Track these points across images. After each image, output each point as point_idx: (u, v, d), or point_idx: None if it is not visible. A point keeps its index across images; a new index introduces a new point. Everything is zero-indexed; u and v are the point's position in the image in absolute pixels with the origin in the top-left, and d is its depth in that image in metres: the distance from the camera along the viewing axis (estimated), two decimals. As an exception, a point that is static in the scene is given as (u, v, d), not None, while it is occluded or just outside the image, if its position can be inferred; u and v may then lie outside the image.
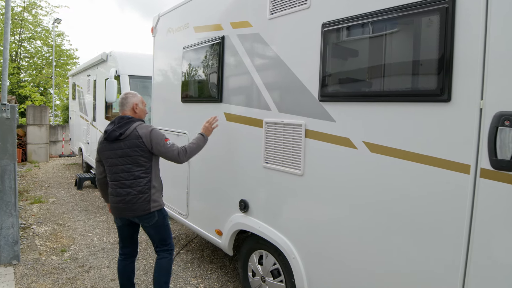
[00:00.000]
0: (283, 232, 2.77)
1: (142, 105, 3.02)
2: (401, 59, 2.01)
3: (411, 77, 1.98)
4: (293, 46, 2.65)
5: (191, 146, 3.00)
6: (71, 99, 11.43)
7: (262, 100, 2.91)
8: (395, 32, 2.04)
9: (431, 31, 1.88)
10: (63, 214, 6.19)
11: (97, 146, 2.92)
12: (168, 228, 3.03)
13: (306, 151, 2.56)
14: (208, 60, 3.62)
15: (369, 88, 2.18)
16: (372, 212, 2.16)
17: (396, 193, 2.04)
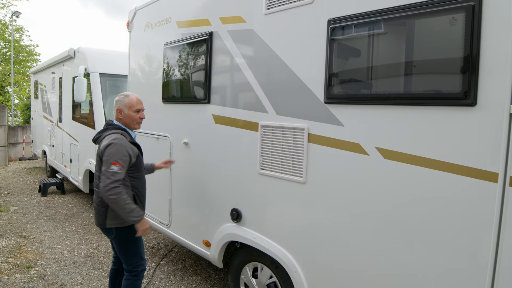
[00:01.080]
0: (282, 244, 2.57)
1: (131, 110, 2.70)
2: (421, 59, 1.86)
3: (432, 78, 1.84)
4: (294, 44, 2.45)
5: (116, 199, 2.42)
6: (33, 98, 10.65)
7: (257, 102, 2.69)
8: (414, 30, 1.89)
9: (455, 30, 1.74)
10: (26, 224, 5.66)
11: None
12: (131, 249, 2.71)
13: (309, 157, 2.37)
14: (194, 57, 3.35)
15: (383, 90, 2.02)
16: (387, 223, 2.00)
17: (414, 203, 1.89)
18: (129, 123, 2.72)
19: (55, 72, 8.17)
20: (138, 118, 2.74)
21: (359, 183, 2.12)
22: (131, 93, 2.79)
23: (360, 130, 2.11)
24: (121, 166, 2.49)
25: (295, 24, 2.44)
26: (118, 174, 2.46)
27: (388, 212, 1.99)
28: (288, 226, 2.53)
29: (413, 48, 1.89)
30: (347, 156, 2.17)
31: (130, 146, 2.59)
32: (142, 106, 2.79)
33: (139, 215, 2.54)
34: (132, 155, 2.57)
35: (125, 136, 2.63)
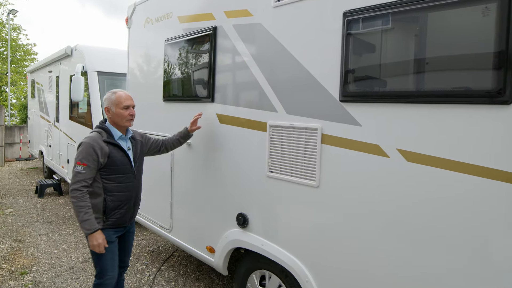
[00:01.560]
0: (293, 252, 2.41)
1: (119, 107, 2.48)
2: (449, 54, 1.70)
3: (462, 74, 1.68)
4: (306, 39, 2.29)
5: (74, 203, 2.30)
6: (30, 97, 10.46)
7: (266, 100, 2.53)
8: (442, 22, 1.73)
9: (487, 21, 1.58)
10: (22, 227, 5.49)
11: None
12: (93, 256, 2.50)
13: (322, 159, 2.21)
14: (197, 54, 3.18)
15: (406, 87, 1.86)
16: (410, 231, 1.84)
17: (441, 210, 1.73)
18: (118, 121, 2.51)
19: (52, 71, 7.99)
20: (127, 115, 2.51)
21: (379, 187, 1.96)
22: (119, 89, 2.58)
23: (379, 130, 1.95)
24: (85, 166, 2.32)
25: (307, 17, 2.28)
26: (81, 174, 2.32)
27: (411, 219, 1.83)
28: (299, 233, 2.37)
29: (440, 41, 1.73)
30: (365, 159, 2.01)
31: (100, 146, 2.37)
32: (131, 102, 2.56)
33: (89, 228, 2.31)
34: (100, 155, 2.36)
35: (102, 135, 2.43)
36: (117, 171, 2.46)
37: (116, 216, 2.49)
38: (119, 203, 2.49)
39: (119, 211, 2.50)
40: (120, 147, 2.48)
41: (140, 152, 2.69)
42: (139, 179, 2.68)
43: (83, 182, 2.32)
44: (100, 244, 2.35)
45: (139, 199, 2.72)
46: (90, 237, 2.34)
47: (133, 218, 2.71)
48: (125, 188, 2.51)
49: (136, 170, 2.61)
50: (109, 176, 2.44)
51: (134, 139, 2.66)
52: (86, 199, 2.33)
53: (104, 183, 2.43)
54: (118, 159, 2.45)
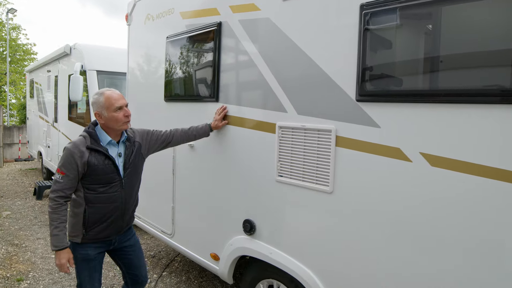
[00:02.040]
0: (303, 261, 2.25)
1: (111, 110, 2.17)
2: (482, 49, 1.55)
3: (494, 71, 1.52)
4: (319, 34, 2.13)
5: (49, 213, 2.12)
6: (29, 97, 10.31)
7: (275, 100, 2.38)
8: (474, 14, 1.57)
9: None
10: (19, 231, 5.34)
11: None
12: (78, 271, 2.27)
13: (336, 163, 2.05)
14: (200, 51, 3.03)
15: (431, 85, 1.71)
16: (434, 241, 1.68)
17: (473, 218, 1.57)
18: (114, 125, 2.21)
19: (51, 70, 7.84)
20: (122, 117, 2.21)
21: (399, 194, 1.81)
22: (106, 88, 2.28)
23: (400, 132, 1.80)
24: (64, 174, 2.11)
25: (320, 11, 2.13)
26: (59, 183, 2.11)
27: (436, 229, 1.68)
28: (311, 241, 2.21)
29: (472, 36, 1.58)
30: (384, 163, 1.86)
31: (81, 154, 2.11)
32: (123, 101, 2.24)
33: (56, 245, 2.09)
34: (80, 164, 2.10)
35: (86, 140, 2.17)
36: (98, 180, 2.18)
37: (97, 229, 2.22)
38: (100, 215, 2.21)
39: (101, 224, 2.22)
40: (106, 154, 2.19)
41: (136, 156, 2.36)
42: (132, 187, 2.35)
43: (59, 192, 2.10)
44: (62, 264, 2.11)
45: (130, 208, 2.39)
46: (56, 254, 2.12)
47: (122, 231, 2.39)
48: (108, 199, 2.22)
49: (126, 178, 2.29)
50: (89, 186, 2.18)
51: (129, 141, 2.36)
52: (61, 212, 2.10)
53: (85, 193, 2.18)
54: (100, 168, 2.16)
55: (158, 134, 2.57)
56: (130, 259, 2.48)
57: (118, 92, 2.27)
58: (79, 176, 2.15)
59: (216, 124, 2.73)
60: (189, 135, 2.72)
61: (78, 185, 2.18)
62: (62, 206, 2.12)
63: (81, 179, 2.17)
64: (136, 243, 2.53)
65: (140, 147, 2.41)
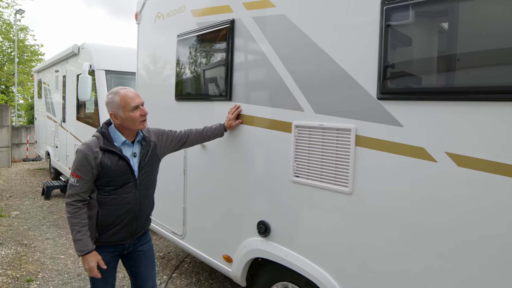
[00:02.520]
0: (320, 264, 2.19)
1: (127, 110, 2.10)
2: (511, 45, 1.48)
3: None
4: (337, 31, 2.07)
5: (68, 219, 2.06)
6: (37, 97, 10.35)
7: (290, 98, 2.32)
8: (501, 8, 1.50)
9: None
10: (28, 231, 5.33)
11: None
12: (91, 276, 2.15)
13: (356, 163, 1.99)
14: (212, 49, 2.98)
15: (458, 83, 1.64)
16: (461, 244, 1.61)
17: (504, 221, 1.50)
18: (131, 125, 2.15)
19: (59, 70, 7.85)
20: (139, 117, 2.13)
21: (423, 195, 1.74)
22: (121, 87, 2.19)
23: (424, 131, 1.73)
24: (79, 178, 2.05)
25: (338, 7, 2.07)
26: (74, 187, 2.05)
27: (464, 232, 1.61)
28: (328, 243, 2.15)
29: (500, 31, 1.51)
30: (407, 163, 1.79)
31: (95, 155, 2.06)
32: (139, 100, 2.17)
33: (81, 250, 2.02)
34: (94, 165, 2.05)
35: (99, 140, 2.12)
36: (112, 182, 2.12)
37: (111, 232, 2.16)
38: (114, 218, 2.14)
39: (115, 227, 2.16)
40: (119, 154, 2.13)
41: (152, 156, 2.29)
42: (147, 189, 2.28)
43: (76, 196, 2.05)
44: (92, 268, 2.04)
45: (145, 211, 2.31)
46: (82, 259, 2.06)
47: (137, 235, 2.30)
48: (122, 200, 2.15)
49: (141, 179, 2.22)
50: (103, 187, 2.12)
51: (145, 140, 2.29)
52: (80, 216, 2.04)
53: (98, 195, 2.12)
54: (113, 169, 2.10)
55: (173, 135, 2.50)
56: (138, 267, 2.36)
57: (133, 90, 2.19)
58: (94, 178, 2.09)
59: (230, 123, 2.67)
60: (203, 136, 2.66)
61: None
62: (81, 210, 2.06)
63: (95, 180, 2.11)
64: (148, 251, 2.39)
65: (155, 147, 2.33)
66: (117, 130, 2.19)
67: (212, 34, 2.94)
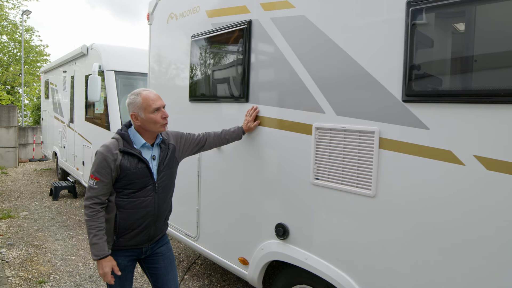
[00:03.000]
0: (342, 268, 2.17)
1: (149, 111, 2.08)
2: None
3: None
4: (360, 32, 2.05)
5: (86, 222, 2.05)
6: (44, 98, 10.38)
7: (311, 100, 2.30)
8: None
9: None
10: (38, 231, 5.33)
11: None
12: (108, 285, 2.18)
13: (380, 166, 1.96)
14: (228, 50, 2.96)
15: (487, 84, 1.61)
16: (491, 252, 1.59)
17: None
18: (151, 128, 2.13)
19: (67, 71, 7.86)
20: (160, 119, 2.12)
21: (450, 199, 1.71)
22: (143, 89, 2.17)
23: (451, 134, 1.70)
24: (98, 180, 2.03)
25: (362, 7, 2.04)
26: (93, 189, 2.04)
27: (494, 239, 1.58)
28: (351, 247, 2.12)
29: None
30: (432, 166, 1.76)
31: (114, 157, 2.04)
32: (161, 102, 2.15)
33: (97, 254, 2.01)
34: (113, 168, 2.04)
35: (119, 142, 2.10)
36: (131, 184, 2.10)
37: (128, 236, 2.14)
38: (132, 221, 2.12)
39: (133, 230, 2.13)
40: (139, 157, 2.10)
41: (171, 159, 2.27)
42: (165, 192, 2.25)
43: (95, 199, 2.04)
44: (106, 273, 2.03)
45: (163, 215, 2.28)
46: (97, 263, 2.05)
47: (155, 239, 2.28)
48: (141, 204, 2.12)
49: (160, 182, 2.19)
50: (121, 190, 2.10)
51: (164, 143, 2.26)
52: (98, 219, 2.03)
53: (116, 198, 2.10)
54: (133, 172, 2.07)
55: (192, 138, 2.48)
56: (157, 269, 2.33)
57: (155, 92, 2.18)
58: (113, 180, 2.08)
59: (249, 125, 2.65)
60: (221, 139, 2.63)
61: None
62: (99, 213, 2.04)
63: (113, 183, 2.10)
64: (167, 253, 2.36)
65: (174, 150, 2.31)
66: (137, 132, 2.17)
67: (228, 34, 2.92)
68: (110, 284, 2.16)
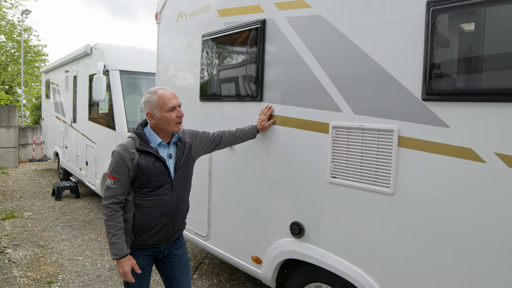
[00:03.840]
0: (359, 265, 2.18)
1: (164, 110, 2.08)
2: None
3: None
4: (378, 31, 2.06)
5: (104, 222, 2.07)
6: (44, 98, 10.33)
7: (327, 99, 2.31)
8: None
9: None
10: (43, 232, 5.31)
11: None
12: (125, 286, 2.20)
13: (399, 164, 1.98)
14: (241, 49, 2.97)
15: (506, 83, 1.63)
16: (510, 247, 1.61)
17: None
18: (166, 127, 2.12)
19: (69, 71, 7.84)
20: (175, 118, 2.11)
21: (470, 196, 1.73)
22: (159, 87, 2.18)
23: (472, 132, 1.72)
24: (116, 180, 2.03)
25: (380, 6, 2.06)
26: (111, 189, 2.04)
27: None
28: (368, 245, 2.14)
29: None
30: (453, 164, 1.78)
31: (131, 156, 2.04)
32: (176, 101, 2.14)
33: (116, 254, 2.01)
34: (130, 167, 2.03)
35: (135, 141, 2.10)
36: (149, 183, 2.09)
37: (147, 235, 2.13)
38: (150, 220, 2.11)
39: (151, 230, 2.13)
40: (156, 155, 2.10)
41: (187, 157, 2.26)
42: (183, 190, 2.25)
43: (113, 199, 2.04)
44: (126, 272, 2.03)
45: (181, 213, 2.27)
46: (117, 263, 2.05)
47: (172, 238, 2.26)
48: (159, 202, 2.12)
49: (177, 180, 2.19)
50: (139, 189, 2.10)
51: (181, 141, 2.26)
52: (116, 218, 2.03)
53: (134, 197, 2.10)
54: (150, 170, 2.07)
55: (207, 136, 2.49)
56: (171, 271, 2.32)
57: (171, 91, 2.18)
58: (130, 179, 2.07)
59: (263, 124, 2.66)
60: (236, 137, 2.64)
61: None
62: (118, 213, 2.05)
63: (131, 182, 2.09)
64: (183, 255, 2.36)
65: (190, 148, 2.31)
66: (153, 131, 2.17)
67: (241, 34, 2.93)
68: (128, 284, 2.16)
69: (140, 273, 2.15)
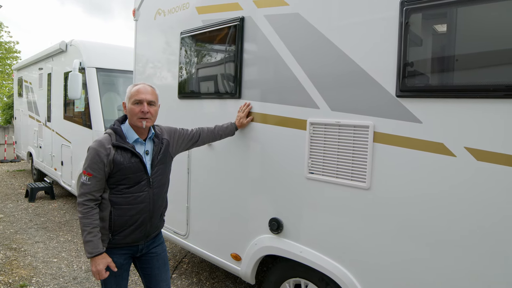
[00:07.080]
0: (337, 259, 2.22)
1: (130, 102, 2.10)
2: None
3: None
4: (354, 30, 2.11)
5: (79, 219, 2.01)
6: (17, 96, 9.97)
7: (305, 96, 2.34)
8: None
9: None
10: (15, 234, 5.13)
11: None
12: (104, 280, 2.11)
13: (374, 159, 2.03)
14: (219, 47, 2.97)
15: (476, 80, 1.70)
16: (481, 240, 1.68)
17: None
18: (131, 119, 2.11)
19: (43, 68, 7.60)
20: (138, 112, 2.06)
21: (442, 188, 1.80)
22: (144, 82, 2.20)
23: (443, 127, 1.79)
24: (91, 176, 2.00)
25: (356, 5, 2.10)
26: (86, 186, 2.00)
27: (483, 227, 1.67)
28: (345, 238, 2.18)
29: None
30: (425, 158, 1.84)
31: (107, 151, 2.01)
32: (145, 96, 2.09)
33: (90, 252, 1.98)
34: (106, 163, 2.00)
35: (111, 137, 2.07)
36: (125, 180, 2.06)
37: (124, 233, 2.10)
38: (127, 218, 2.08)
39: (128, 227, 2.10)
40: (132, 151, 2.07)
41: (164, 154, 2.25)
42: (160, 187, 2.23)
43: (88, 195, 2.00)
44: (99, 271, 1.99)
45: (159, 210, 2.26)
46: (91, 261, 2.02)
47: (151, 236, 2.25)
48: (135, 199, 2.09)
49: (154, 177, 2.17)
50: (115, 186, 2.07)
51: (158, 138, 2.24)
52: (92, 216, 1.99)
53: (110, 194, 2.07)
54: (126, 166, 2.04)
55: (185, 133, 2.48)
56: (150, 269, 2.29)
57: (151, 88, 2.17)
58: (106, 176, 2.04)
59: (241, 121, 2.67)
60: (215, 134, 2.64)
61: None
62: (93, 210, 2.01)
63: (107, 178, 2.06)
64: (161, 253, 2.34)
65: (168, 145, 2.29)
66: (130, 127, 2.15)
67: (220, 31, 2.93)
68: (106, 283, 2.13)
69: (118, 272, 2.12)
